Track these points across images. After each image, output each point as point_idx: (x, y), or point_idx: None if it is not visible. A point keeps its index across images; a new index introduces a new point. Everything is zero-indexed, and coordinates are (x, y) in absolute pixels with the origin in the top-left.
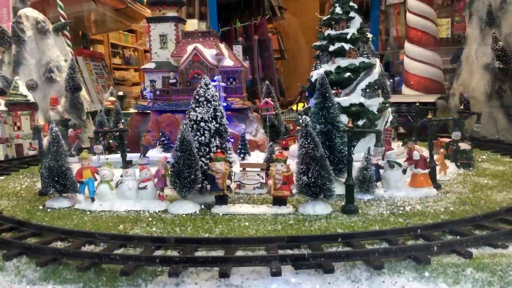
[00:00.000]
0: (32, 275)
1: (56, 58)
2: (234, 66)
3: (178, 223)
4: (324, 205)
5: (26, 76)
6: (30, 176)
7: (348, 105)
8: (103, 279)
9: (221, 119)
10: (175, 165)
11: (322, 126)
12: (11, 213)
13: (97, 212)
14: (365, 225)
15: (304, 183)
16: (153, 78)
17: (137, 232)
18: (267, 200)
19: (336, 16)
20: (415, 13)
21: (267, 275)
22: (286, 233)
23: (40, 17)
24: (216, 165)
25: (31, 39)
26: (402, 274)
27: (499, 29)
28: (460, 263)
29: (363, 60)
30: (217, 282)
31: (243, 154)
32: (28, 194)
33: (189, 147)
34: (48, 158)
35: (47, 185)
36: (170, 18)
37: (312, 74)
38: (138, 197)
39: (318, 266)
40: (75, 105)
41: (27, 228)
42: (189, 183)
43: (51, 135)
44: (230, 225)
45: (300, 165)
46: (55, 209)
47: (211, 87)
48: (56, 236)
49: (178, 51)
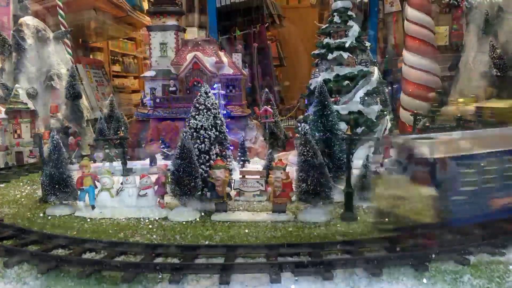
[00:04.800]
0: (33, 282)
1: (57, 66)
2: (234, 74)
3: (178, 230)
4: (323, 212)
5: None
6: (30, 184)
7: (346, 112)
8: (104, 286)
9: (221, 127)
10: (175, 172)
11: (321, 133)
12: (12, 220)
13: (97, 220)
14: (364, 232)
15: (303, 190)
16: (153, 86)
17: (137, 239)
18: (266, 207)
19: (334, 25)
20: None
21: (267, 282)
22: (286, 240)
23: (40, 26)
24: (216, 173)
25: (31, 47)
26: (400, 280)
27: (496, 37)
28: (458, 269)
29: (361, 68)
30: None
31: (243, 161)
32: (28, 201)
33: (189, 154)
34: (49, 166)
35: (47, 193)
36: (170, 27)
37: (311, 82)
38: (138, 204)
39: (317, 273)
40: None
41: (28, 235)
42: (189, 190)
43: (52, 143)
44: (230, 232)
45: (299, 172)
46: (56, 217)
47: (211, 95)
48: (57, 244)
49: (178, 59)
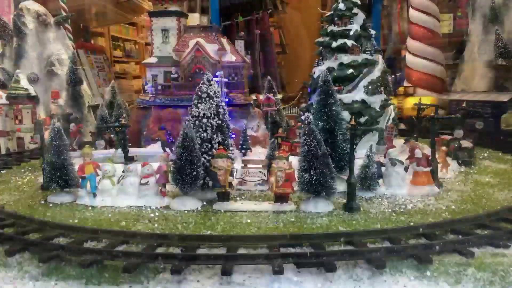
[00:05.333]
0: (34, 271)
1: (57, 52)
2: (236, 61)
3: (180, 220)
4: (326, 203)
5: (27, 69)
6: (31, 171)
7: (350, 102)
8: (106, 275)
9: (223, 116)
10: (177, 161)
11: (325, 123)
12: (13, 208)
13: (99, 208)
14: (366, 223)
15: (306, 180)
16: (155, 73)
17: (139, 228)
18: (268, 197)
19: (339, 12)
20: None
21: (269, 273)
22: (288, 231)
23: (41, 10)
24: (218, 162)
25: (32, 32)
26: (403, 273)
27: (502, 26)
28: (462, 262)
29: (365, 57)
30: (219, 279)
31: (245, 150)
32: (30, 188)
33: (191, 143)
34: (50, 153)
35: (49, 180)
36: (172, 13)
37: (315, 70)
38: (140, 193)
39: (320, 264)
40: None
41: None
42: (191, 179)
43: (53, 130)
44: (232, 222)
45: (302, 162)
46: (57, 204)
47: (213, 83)
48: (58, 232)
49: (180, 45)
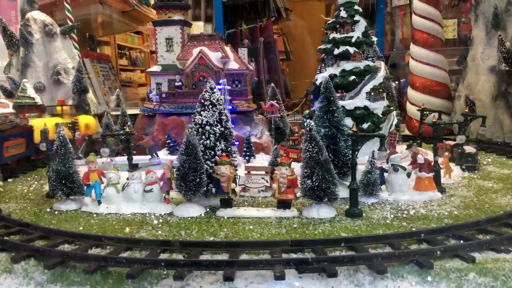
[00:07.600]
0: (40, 277)
1: (64, 61)
2: (240, 69)
3: (183, 226)
4: (328, 209)
5: (34, 78)
6: (37, 179)
7: (352, 108)
8: (110, 281)
9: (226, 123)
10: (181, 168)
11: (327, 129)
12: (19, 215)
13: (103, 215)
14: (369, 229)
15: (309, 186)
16: (159, 81)
17: (143, 235)
18: (271, 203)
19: (341, 19)
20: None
21: (271, 278)
22: (290, 237)
23: (47, 20)
24: (221, 169)
25: (38, 42)
26: (405, 278)
27: (505, 31)
28: (463, 267)
29: (368, 63)
30: (222, 285)
31: (248, 156)
32: (36, 196)
33: (195, 150)
34: (56, 161)
35: (54, 188)
36: (176, 22)
37: (317, 77)
38: (144, 200)
39: (322, 270)
40: (82, 107)
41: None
42: (195, 186)
43: (58, 138)
44: (235, 228)
45: (304, 168)
46: (62, 212)
47: (216, 91)
48: (63, 239)
49: (184, 54)
